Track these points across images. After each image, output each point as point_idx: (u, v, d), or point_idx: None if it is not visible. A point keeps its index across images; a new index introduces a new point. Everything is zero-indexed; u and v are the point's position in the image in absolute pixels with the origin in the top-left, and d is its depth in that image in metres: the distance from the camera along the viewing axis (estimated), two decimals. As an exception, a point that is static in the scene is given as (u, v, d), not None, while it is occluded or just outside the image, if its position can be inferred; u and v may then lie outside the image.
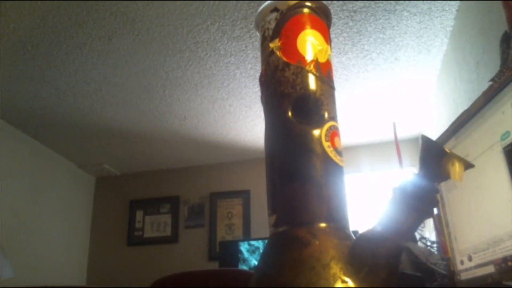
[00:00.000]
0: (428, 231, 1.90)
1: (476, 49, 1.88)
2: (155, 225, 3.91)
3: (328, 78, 0.55)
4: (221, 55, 2.43)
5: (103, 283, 3.66)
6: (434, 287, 0.99)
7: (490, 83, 0.72)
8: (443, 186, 0.88)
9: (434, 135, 1.62)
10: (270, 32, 0.57)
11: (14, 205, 3.01)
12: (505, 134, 0.65)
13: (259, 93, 0.60)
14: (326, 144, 0.51)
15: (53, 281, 3.23)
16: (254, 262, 3.04)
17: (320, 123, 0.52)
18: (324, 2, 0.59)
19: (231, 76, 2.64)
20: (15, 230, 3.00)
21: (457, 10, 2.09)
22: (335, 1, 2.03)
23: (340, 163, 0.52)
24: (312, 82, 0.53)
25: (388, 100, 2.96)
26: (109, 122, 3.15)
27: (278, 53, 0.55)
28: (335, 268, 0.43)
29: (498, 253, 0.67)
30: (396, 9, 2.09)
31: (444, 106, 2.55)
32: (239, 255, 3.09)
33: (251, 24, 2.17)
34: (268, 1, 0.58)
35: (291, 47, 0.54)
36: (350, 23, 2.19)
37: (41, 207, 3.29)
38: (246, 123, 3.23)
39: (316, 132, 0.51)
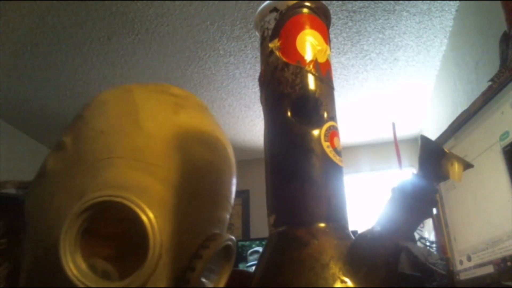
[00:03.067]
0: (427, 231, 1.90)
1: (475, 50, 1.88)
2: (154, 225, 3.91)
3: (328, 78, 0.55)
4: (221, 55, 2.44)
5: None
6: (433, 287, 0.99)
7: (489, 83, 0.72)
8: (442, 186, 0.88)
9: (433, 135, 1.62)
10: (270, 32, 0.57)
11: (13, 205, 3.01)
12: (504, 134, 0.66)
13: (258, 93, 0.60)
14: (325, 144, 0.51)
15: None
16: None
17: (319, 123, 0.52)
18: (323, 2, 0.59)
19: (231, 76, 2.64)
20: (14, 230, 2.99)
21: (456, 11, 2.09)
22: (334, 1, 2.03)
23: (340, 163, 0.52)
24: (311, 82, 0.53)
25: (387, 100, 2.96)
26: (108, 122, 3.14)
27: (277, 53, 0.55)
28: (334, 268, 0.43)
29: (497, 253, 0.67)
30: (395, 9, 2.09)
31: (443, 106, 2.56)
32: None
33: (250, 24, 2.17)
34: (267, 1, 0.58)
35: (290, 47, 0.54)
36: (350, 23, 2.19)
37: (40, 207, 3.29)
38: (245, 123, 3.23)
39: (315, 132, 0.51)
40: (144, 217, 0.40)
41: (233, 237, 0.50)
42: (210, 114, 0.54)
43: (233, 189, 0.53)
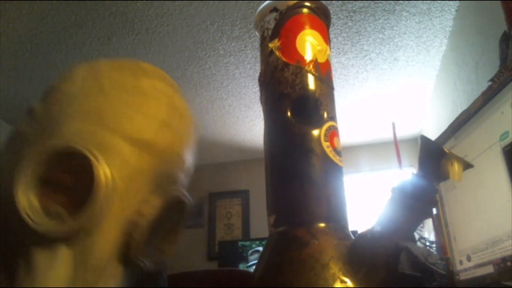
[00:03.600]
0: (427, 231, 1.90)
1: (475, 50, 1.88)
2: (154, 225, 3.90)
3: (328, 78, 0.55)
4: (221, 55, 2.43)
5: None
6: (433, 287, 0.99)
7: (489, 83, 0.72)
8: (442, 186, 0.88)
9: (433, 135, 1.63)
10: (269, 32, 0.57)
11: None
12: (504, 134, 0.66)
13: (258, 93, 0.60)
14: (325, 144, 0.51)
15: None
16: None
17: (319, 123, 0.52)
18: (323, 2, 0.59)
19: (231, 76, 2.64)
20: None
21: (456, 11, 2.09)
22: (334, 1, 2.03)
23: (339, 163, 0.52)
24: (311, 82, 0.53)
25: (387, 100, 2.96)
26: (108, 122, 3.14)
27: (277, 53, 0.55)
28: (334, 268, 0.43)
29: (497, 253, 0.67)
30: (395, 9, 2.09)
31: (443, 106, 2.56)
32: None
33: (250, 24, 2.17)
34: (268, 1, 0.58)
35: (290, 47, 0.55)
36: (350, 23, 2.19)
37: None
38: (245, 123, 3.23)
39: (315, 132, 0.51)
40: (94, 160, 0.43)
41: (186, 194, 0.52)
42: (176, 85, 0.56)
43: (190, 153, 0.55)
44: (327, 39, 0.58)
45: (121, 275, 0.45)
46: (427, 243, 1.48)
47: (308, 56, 0.54)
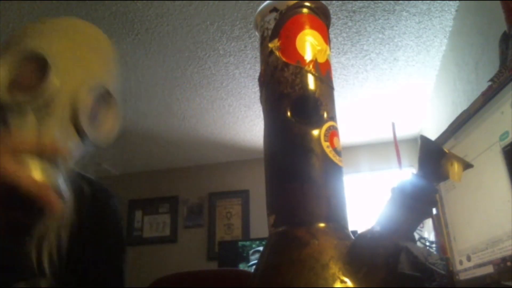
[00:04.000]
0: (427, 231, 1.90)
1: (475, 50, 1.88)
2: (154, 225, 3.91)
3: (327, 78, 0.55)
4: (220, 55, 2.44)
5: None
6: (433, 287, 0.99)
7: (489, 83, 0.72)
8: (442, 186, 0.88)
9: (433, 135, 1.62)
10: (269, 32, 0.57)
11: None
12: (504, 134, 0.66)
13: (258, 93, 0.60)
14: (325, 144, 0.51)
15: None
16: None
17: (319, 123, 0.52)
18: (323, 2, 0.59)
19: (230, 76, 2.64)
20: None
21: (456, 11, 2.09)
22: (334, 1, 2.03)
23: (339, 163, 0.52)
24: (311, 82, 0.53)
25: (387, 100, 2.96)
26: (108, 122, 3.14)
27: (277, 53, 0.55)
28: (334, 268, 0.43)
29: (497, 253, 0.67)
30: (395, 10, 2.09)
31: (443, 106, 2.56)
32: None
33: (250, 24, 2.17)
34: (267, 1, 0.58)
35: (290, 47, 0.55)
36: (350, 23, 2.19)
37: (40, 207, 3.29)
38: (245, 123, 3.23)
39: (315, 132, 0.51)
40: (47, 59, 0.63)
41: (113, 94, 0.74)
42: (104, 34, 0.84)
43: (112, 66, 0.80)
44: (327, 39, 0.58)
45: (77, 139, 0.65)
46: (427, 243, 1.48)
47: (308, 56, 0.54)
